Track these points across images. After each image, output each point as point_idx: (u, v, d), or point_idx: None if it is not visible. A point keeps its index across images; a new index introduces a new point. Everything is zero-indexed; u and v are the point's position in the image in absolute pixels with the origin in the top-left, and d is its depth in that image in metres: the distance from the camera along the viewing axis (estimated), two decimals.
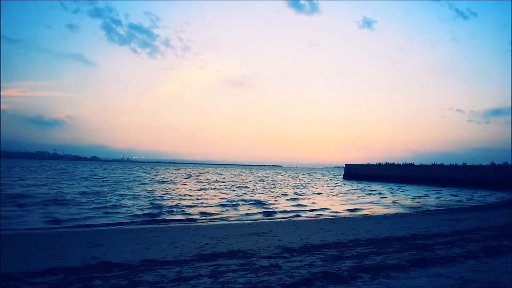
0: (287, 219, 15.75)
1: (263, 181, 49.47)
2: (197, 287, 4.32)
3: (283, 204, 21.58)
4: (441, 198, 27.48)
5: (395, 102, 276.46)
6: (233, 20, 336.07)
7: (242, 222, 14.24)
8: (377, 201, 25.10)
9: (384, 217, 15.45)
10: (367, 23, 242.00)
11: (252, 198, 24.51)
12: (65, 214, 14.73)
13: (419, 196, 29.09)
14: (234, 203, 20.98)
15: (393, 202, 24.27)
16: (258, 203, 21.55)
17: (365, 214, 17.58)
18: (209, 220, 14.82)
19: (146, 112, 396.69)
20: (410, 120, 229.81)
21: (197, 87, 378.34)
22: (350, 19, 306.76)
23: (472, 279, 4.40)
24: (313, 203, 22.83)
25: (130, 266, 5.69)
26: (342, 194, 30.15)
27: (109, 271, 5.31)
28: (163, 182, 39.64)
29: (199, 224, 13.40)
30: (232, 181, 47.55)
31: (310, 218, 15.91)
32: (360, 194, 30.32)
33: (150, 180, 41.52)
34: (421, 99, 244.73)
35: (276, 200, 23.96)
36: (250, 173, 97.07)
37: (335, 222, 13.31)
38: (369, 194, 30.65)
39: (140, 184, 35.04)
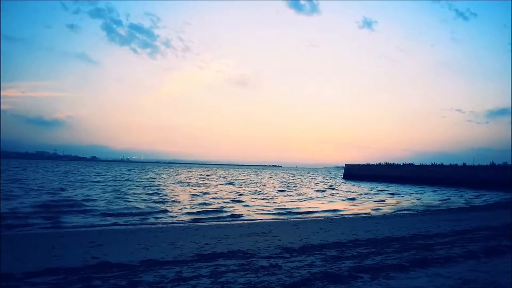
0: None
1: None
2: (197, 287, 4.32)
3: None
4: (441, 198, 27.47)
5: (395, 102, 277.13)
6: (233, 20, 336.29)
7: (242, 222, 14.24)
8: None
9: (384, 217, 15.44)
10: (367, 23, 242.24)
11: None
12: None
13: (420, 197, 29.08)
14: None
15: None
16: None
17: (365, 214, 17.57)
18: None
19: (146, 112, 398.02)
20: (410, 120, 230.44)
21: (197, 87, 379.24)
22: (350, 19, 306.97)
23: (472, 279, 4.40)
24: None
25: (130, 266, 5.69)
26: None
27: (108, 271, 5.30)
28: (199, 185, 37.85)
29: (199, 224, 13.39)
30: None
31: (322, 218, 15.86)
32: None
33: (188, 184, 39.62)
34: (421, 99, 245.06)
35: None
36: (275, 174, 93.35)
37: (335, 222, 13.31)
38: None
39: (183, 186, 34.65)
